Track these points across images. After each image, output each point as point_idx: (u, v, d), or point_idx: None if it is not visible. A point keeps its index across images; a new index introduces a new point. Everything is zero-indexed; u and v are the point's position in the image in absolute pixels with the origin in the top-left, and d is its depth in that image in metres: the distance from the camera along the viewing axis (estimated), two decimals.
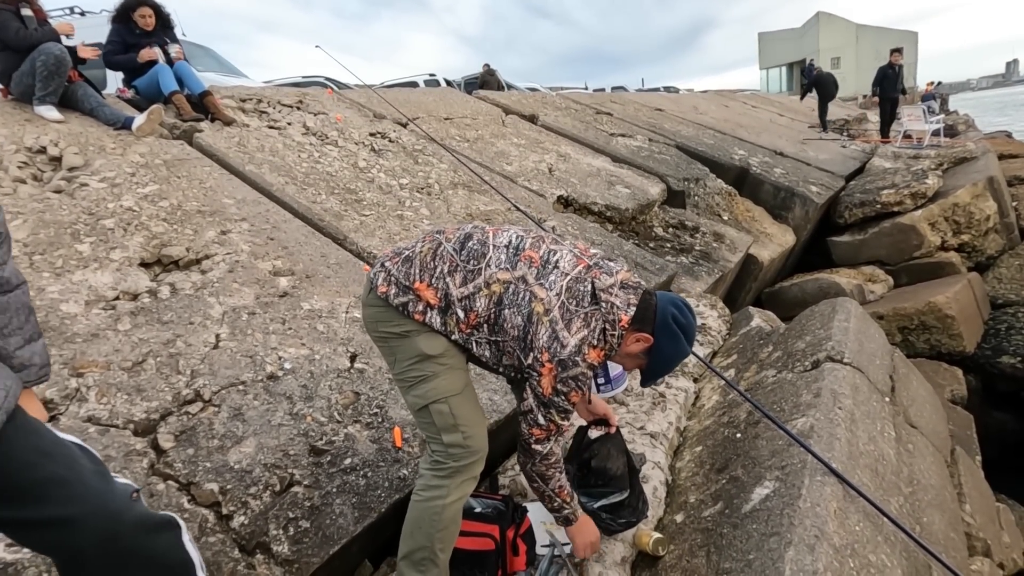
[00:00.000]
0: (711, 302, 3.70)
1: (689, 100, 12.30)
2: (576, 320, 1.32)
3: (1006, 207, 6.43)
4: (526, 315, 1.33)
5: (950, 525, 1.95)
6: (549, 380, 1.33)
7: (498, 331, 1.37)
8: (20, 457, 0.88)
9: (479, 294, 1.36)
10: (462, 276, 1.37)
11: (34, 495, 0.89)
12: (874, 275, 5.92)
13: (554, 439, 1.44)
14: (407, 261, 1.42)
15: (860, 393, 2.17)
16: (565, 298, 1.33)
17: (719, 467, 2.03)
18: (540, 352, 1.32)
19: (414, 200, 3.80)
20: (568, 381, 1.33)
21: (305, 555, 1.55)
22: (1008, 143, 11.42)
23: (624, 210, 4.65)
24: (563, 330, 1.31)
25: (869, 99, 15.18)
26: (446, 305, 1.37)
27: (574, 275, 1.36)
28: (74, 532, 0.91)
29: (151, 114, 3.48)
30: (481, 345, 1.41)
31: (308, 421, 1.93)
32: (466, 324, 1.38)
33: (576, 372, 1.32)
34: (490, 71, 12.10)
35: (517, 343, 1.36)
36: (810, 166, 7.64)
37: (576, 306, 1.33)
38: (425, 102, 6.13)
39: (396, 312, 1.39)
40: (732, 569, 1.49)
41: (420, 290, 1.38)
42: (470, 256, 1.39)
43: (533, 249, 1.40)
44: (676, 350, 1.40)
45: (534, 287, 1.34)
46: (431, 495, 1.41)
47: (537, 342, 1.32)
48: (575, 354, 1.31)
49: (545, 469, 1.47)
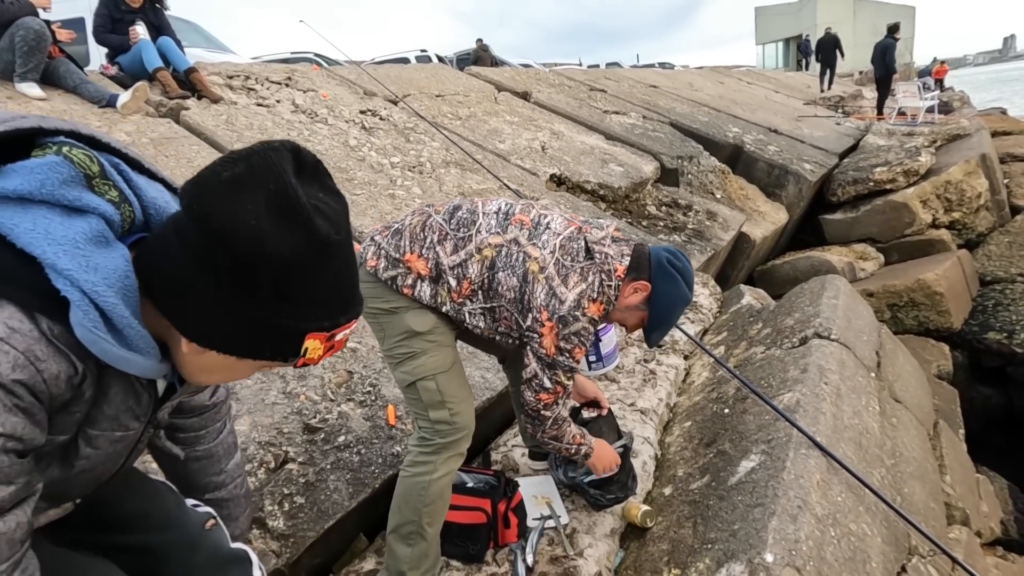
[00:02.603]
0: (703, 280, 3.72)
1: (684, 77, 12.18)
2: (572, 275, 1.31)
3: (997, 184, 6.45)
4: (521, 275, 1.32)
5: (930, 495, 2.01)
6: (551, 339, 1.31)
7: (493, 296, 1.35)
8: (111, 495, 0.94)
9: (471, 260, 1.34)
10: (452, 244, 1.36)
11: (120, 525, 0.96)
12: (865, 253, 5.96)
13: (562, 401, 1.43)
14: (396, 234, 1.40)
15: (846, 369, 2.21)
16: (560, 255, 1.32)
17: (707, 441, 2.07)
18: (539, 311, 1.31)
19: (406, 179, 3.78)
20: (571, 337, 1.31)
21: (300, 530, 1.58)
22: (1002, 120, 11.41)
23: (617, 188, 4.64)
24: (560, 286, 1.30)
25: (865, 75, 15.25)
26: (437, 275, 1.36)
27: (566, 234, 1.36)
28: (154, 558, 0.97)
29: (136, 91, 3.42)
30: (475, 315, 1.39)
31: (302, 400, 1.95)
32: (458, 293, 1.36)
33: (578, 327, 1.31)
34: (483, 47, 11.91)
35: (514, 305, 1.34)
36: (804, 143, 7.62)
37: (571, 261, 1.32)
38: (416, 79, 6.05)
39: (385, 288, 1.39)
40: (717, 539, 1.53)
41: (410, 261, 1.36)
42: (460, 224, 1.38)
43: (523, 213, 1.40)
44: (677, 293, 1.37)
45: (527, 247, 1.34)
46: (418, 471, 1.43)
47: (535, 301, 1.31)
48: (575, 309, 1.30)
49: (557, 431, 1.47)
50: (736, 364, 2.57)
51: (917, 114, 10.32)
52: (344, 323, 0.72)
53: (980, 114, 12.48)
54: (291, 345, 0.69)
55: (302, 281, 0.66)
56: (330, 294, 0.70)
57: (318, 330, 0.69)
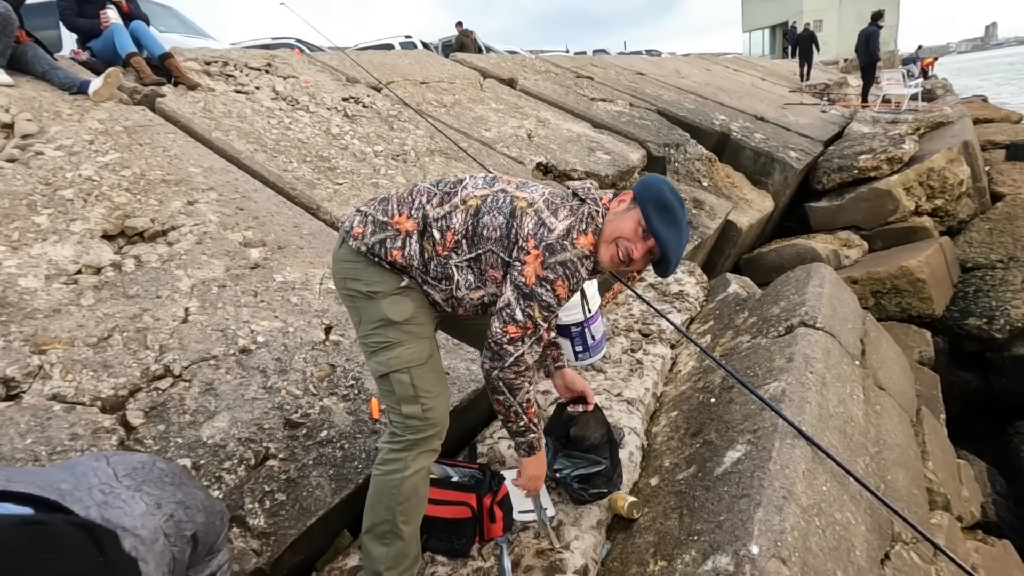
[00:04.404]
0: (689, 269, 3.72)
1: (671, 64, 12.12)
2: (562, 209, 1.31)
3: (979, 171, 6.52)
4: (508, 212, 1.32)
5: (913, 482, 2.03)
6: (534, 267, 1.25)
7: (478, 241, 1.32)
8: None
9: (455, 211, 1.35)
10: (439, 199, 1.38)
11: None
12: (850, 240, 6.00)
13: (529, 341, 1.31)
14: (384, 201, 1.42)
15: (831, 357, 2.21)
16: (548, 195, 1.36)
17: (693, 431, 2.06)
18: (525, 240, 1.27)
19: (389, 168, 3.71)
20: (555, 267, 1.24)
21: (282, 527, 1.55)
22: (984, 107, 11.54)
23: (604, 177, 4.61)
24: (550, 217, 1.29)
25: (850, 63, 15.82)
26: (424, 228, 1.36)
27: (551, 189, 1.41)
28: None
29: (108, 78, 3.30)
30: (462, 269, 1.35)
31: (283, 395, 1.91)
32: (443, 246, 1.34)
33: (564, 257, 1.25)
34: (466, 32, 11.73)
35: (499, 244, 1.30)
36: (790, 131, 7.64)
37: (561, 200, 1.34)
38: (400, 65, 5.94)
39: (367, 265, 1.37)
40: (704, 530, 1.53)
41: (399, 223, 1.36)
42: (446, 185, 1.42)
43: (508, 180, 1.43)
44: (661, 191, 1.29)
45: (514, 193, 1.36)
46: (389, 468, 1.40)
47: (522, 231, 1.28)
48: (563, 237, 1.26)
49: (514, 377, 1.33)
50: (722, 353, 2.57)
51: (901, 102, 10.39)
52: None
53: (962, 102, 12.60)
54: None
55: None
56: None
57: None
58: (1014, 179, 6.71)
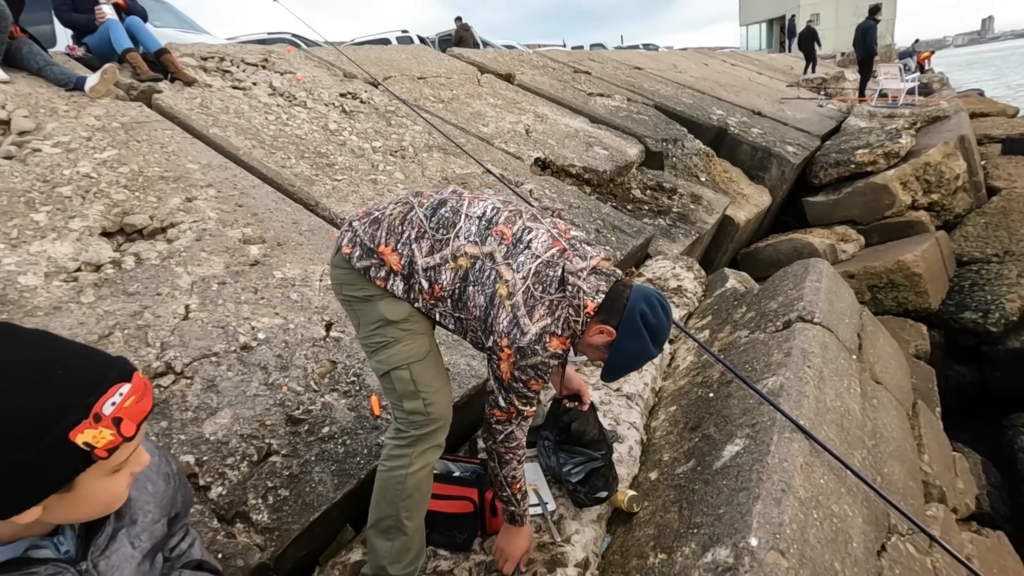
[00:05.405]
0: (687, 264, 3.73)
1: (669, 58, 12.11)
2: (540, 307, 1.25)
3: (975, 166, 6.54)
4: (489, 296, 1.28)
5: (909, 474, 2.05)
6: (507, 366, 1.28)
7: (461, 308, 1.33)
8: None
9: (445, 266, 1.31)
10: (429, 244, 1.32)
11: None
12: (846, 235, 6.02)
13: (515, 423, 1.38)
14: (375, 223, 1.37)
15: (829, 351, 2.23)
16: (531, 282, 1.26)
17: (692, 426, 2.08)
18: (500, 336, 1.27)
19: (388, 164, 3.71)
20: (527, 369, 1.27)
21: (285, 523, 1.56)
22: (980, 101, 11.57)
23: (602, 172, 4.61)
24: (524, 316, 1.24)
25: (847, 57, 16.09)
26: (409, 273, 1.33)
27: (545, 258, 1.28)
28: None
29: (104, 74, 3.29)
30: (445, 317, 1.38)
31: (284, 391, 1.92)
32: (430, 295, 1.34)
33: (535, 361, 1.26)
34: (464, 26, 11.68)
35: (479, 323, 1.32)
36: (787, 126, 7.65)
37: (542, 292, 1.26)
38: (397, 60, 5.92)
39: (359, 275, 1.37)
40: (703, 523, 1.55)
41: (384, 254, 1.34)
42: (440, 224, 1.34)
43: (507, 224, 1.32)
44: (639, 350, 1.30)
45: (501, 267, 1.28)
46: (393, 464, 1.41)
47: (497, 326, 1.27)
48: (535, 343, 1.25)
49: (504, 452, 1.41)
50: (720, 348, 2.58)
51: (898, 96, 10.40)
52: (104, 392, 0.65)
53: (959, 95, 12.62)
54: (60, 460, 0.62)
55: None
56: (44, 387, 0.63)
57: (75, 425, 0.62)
58: (1010, 173, 6.74)
